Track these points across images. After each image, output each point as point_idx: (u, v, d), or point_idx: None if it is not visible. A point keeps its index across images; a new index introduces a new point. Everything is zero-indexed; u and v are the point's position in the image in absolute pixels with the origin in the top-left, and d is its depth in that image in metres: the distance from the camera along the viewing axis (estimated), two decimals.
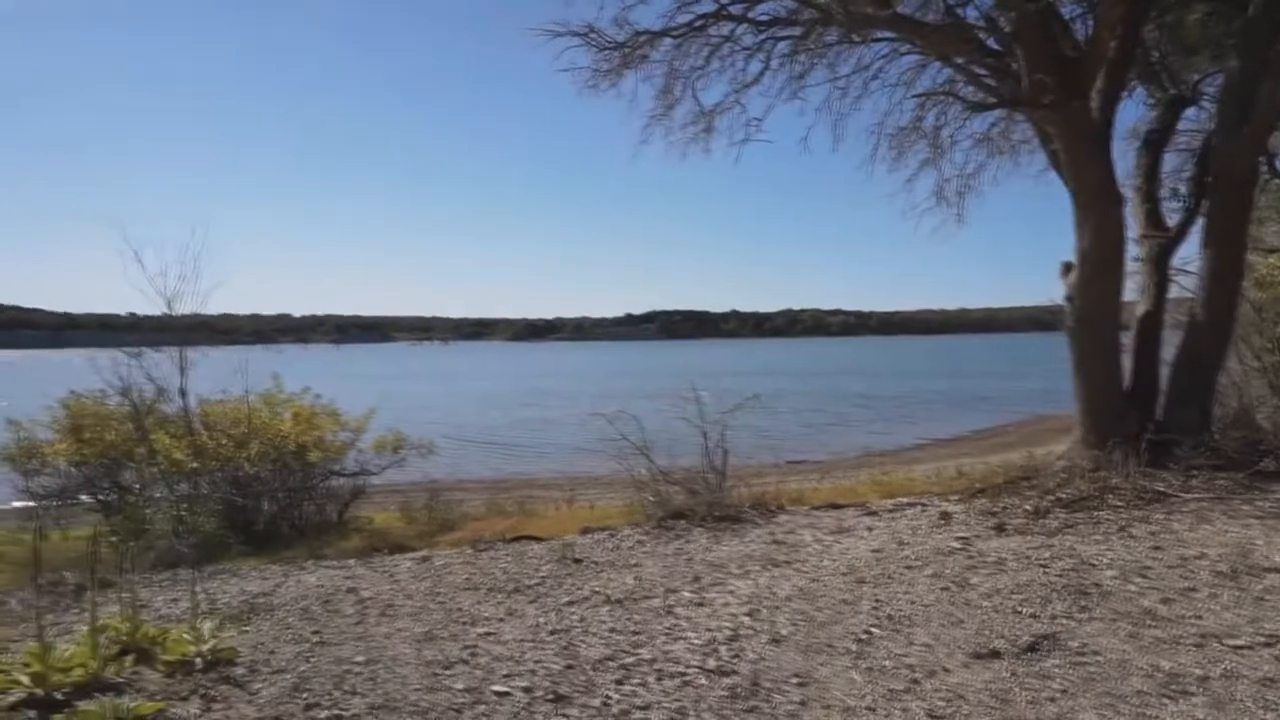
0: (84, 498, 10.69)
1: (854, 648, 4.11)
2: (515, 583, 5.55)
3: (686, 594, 5.16)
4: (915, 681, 3.66)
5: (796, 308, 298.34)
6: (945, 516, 7.01)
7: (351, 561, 6.73)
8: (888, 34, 9.21)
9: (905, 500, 8.23)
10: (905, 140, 10.74)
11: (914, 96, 10.26)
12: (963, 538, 6.21)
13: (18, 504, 11.41)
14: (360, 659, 4.12)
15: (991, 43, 8.69)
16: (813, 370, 77.69)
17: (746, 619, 4.61)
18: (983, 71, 8.86)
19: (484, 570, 5.95)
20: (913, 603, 4.76)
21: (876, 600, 4.85)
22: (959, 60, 9.06)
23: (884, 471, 14.18)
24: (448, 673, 3.91)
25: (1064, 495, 7.10)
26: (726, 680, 3.75)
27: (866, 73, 9.98)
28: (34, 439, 10.68)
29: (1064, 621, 4.28)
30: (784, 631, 4.38)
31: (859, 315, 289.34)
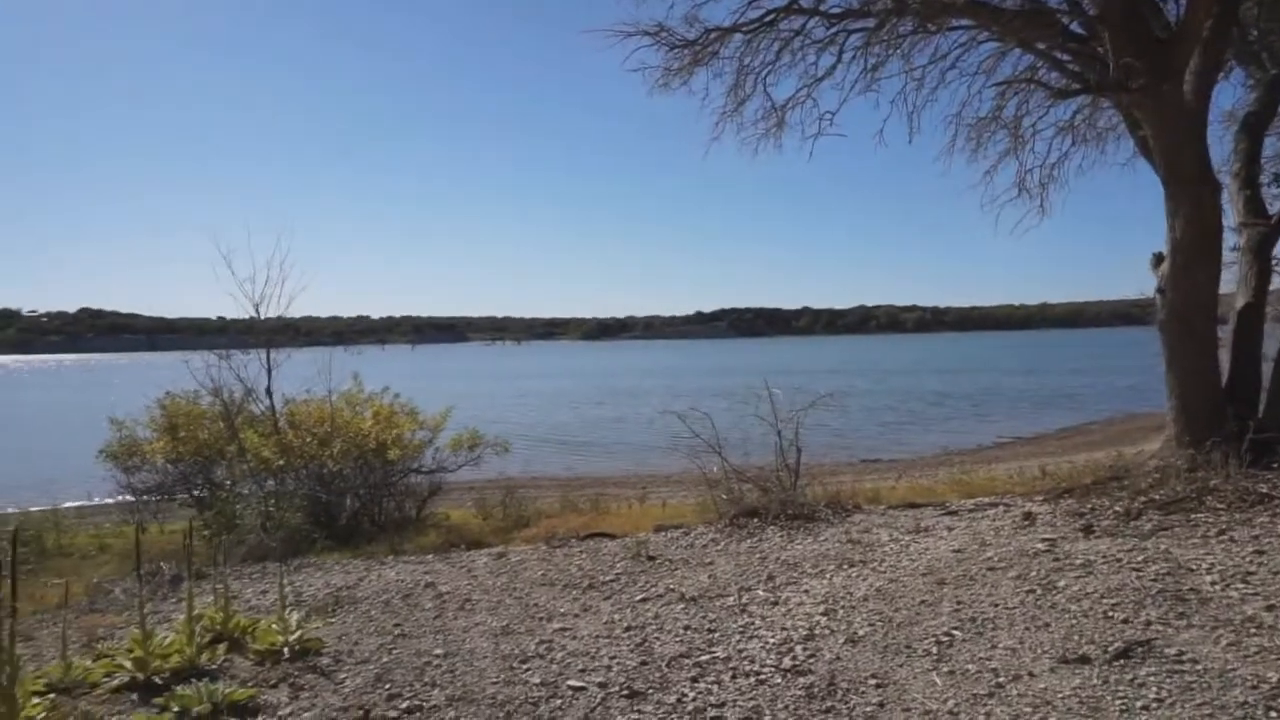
0: (179, 494, 11.17)
1: (934, 650, 4.01)
2: (590, 579, 5.60)
3: (761, 592, 5.12)
4: (999, 686, 3.55)
5: (870, 304, 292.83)
6: (1029, 517, 6.79)
7: (430, 557, 6.89)
8: (965, 22, 8.96)
9: (986, 500, 8.00)
10: (984, 130, 10.45)
11: (993, 85, 9.96)
12: (1048, 539, 6.00)
13: (119, 499, 12.01)
14: (439, 651, 4.21)
15: (1075, 26, 8.38)
16: (887, 368, 76.16)
17: (822, 618, 4.54)
18: (1066, 57, 8.54)
19: (559, 566, 6.02)
20: (996, 605, 4.62)
21: (958, 602, 4.72)
22: (1041, 46, 8.76)
23: (963, 471, 13.79)
24: (524, 667, 3.96)
25: (1158, 496, 6.79)
26: (802, 680, 3.70)
27: (943, 62, 9.73)
28: (134, 437, 11.21)
29: (1159, 628, 4.09)
30: (861, 632, 4.31)
31: (935, 311, 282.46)
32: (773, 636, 4.28)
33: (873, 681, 3.66)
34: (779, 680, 3.71)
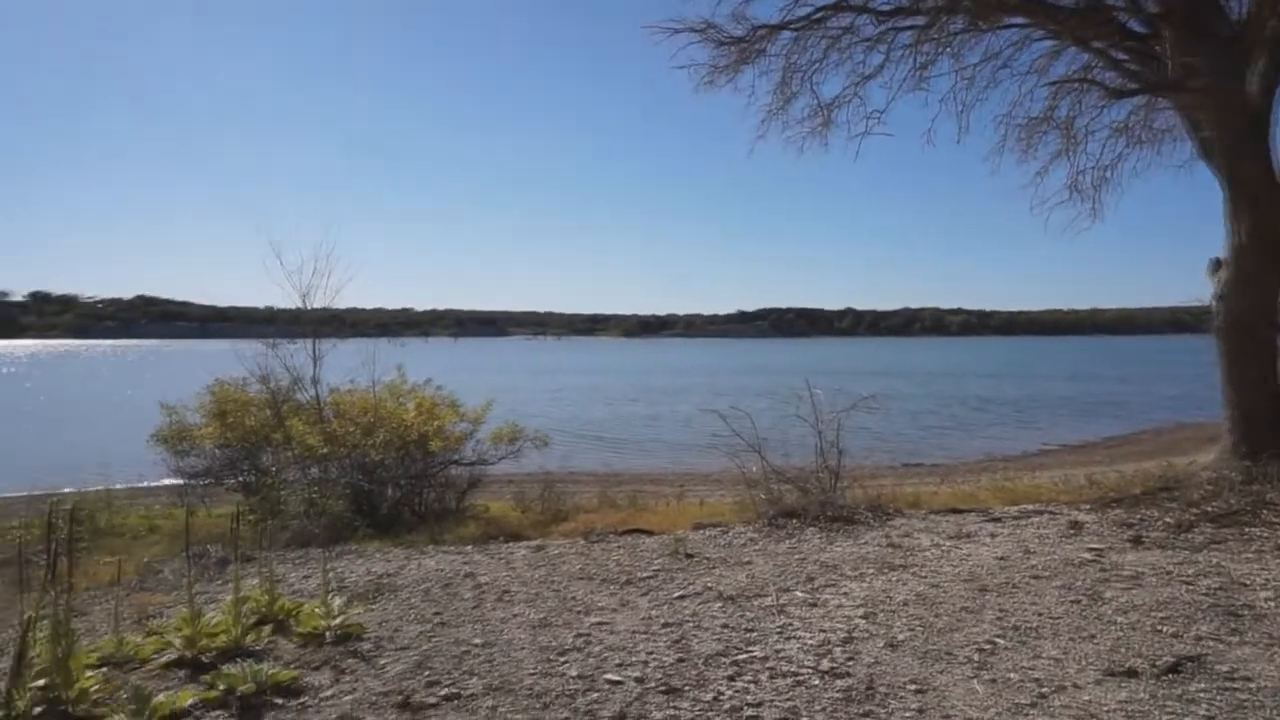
0: (227, 479, 11.41)
1: (976, 657, 3.95)
2: (627, 575, 5.61)
3: (799, 594, 5.08)
4: (1042, 696, 3.48)
5: (915, 306, 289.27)
6: (1075, 526, 6.66)
7: (469, 547, 6.96)
8: (1019, 20, 8.80)
9: (1031, 507, 7.85)
10: (1036, 131, 10.25)
11: (1046, 85, 9.77)
12: (1095, 549, 5.88)
13: (169, 482, 12.32)
14: (478, 641, 4.25)
15: (1134, 25, 8.18)
16: (930, 371, 75.13)
17: (862, 621, 4.50)
18: (1124, 56, 8.34)
19: (597, 561, 6.04)
20: (1040, 614, 4.53)
21: (1000, 610, 4.64)
22: (1097, 44, 8.56)
23: (1006, 477, 13.55)
24: (561, 659, 3.98)
25: (1211, 509, 6.61)
26: (840, 683, 3.67)
27: (995, 61, 9.57)
28: (184, 422, 11.48)
29: (1211, 643, 3.98)
30: (901, 636, 4.26)
31: (980, 315, 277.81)
32: (811, 638, 4.25)
33: (912, 687, 3.62)
34: (817, 682, 3.69)
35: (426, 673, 3.80)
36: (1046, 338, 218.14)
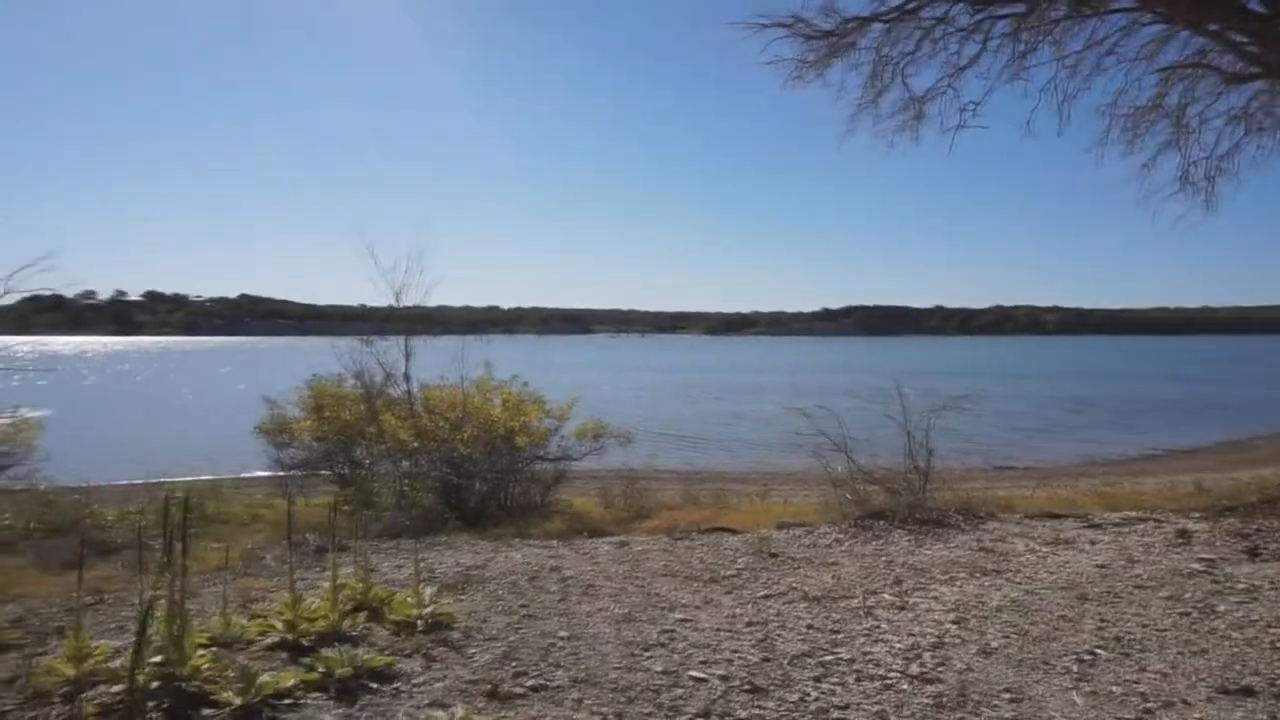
0: (323, 470, 11.84)
1: (1075, 668, 3.80)
2: (711, 573, 5.59)
3: (887, 596, 4.98)
4: (1148, 712, 3.32)
5: (1008, 304, 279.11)
6: (1184, 535, 6.33)
7: (554, 542, 7.05)
8: (1126, 4, 8.40)
9: (1134, 514, 7.50)
10: (1143, 120, 9.78)
11: (1156, 71, 9.29)
12: (1206, 559, 5.58)
13: (265, 473, 12.86)
14: (564, 634, 4.30)
15: (1254, 4, 7.69)
16: (1024, 372, 72.47)
17: (953, 627, 4.38)
18: (1243, 38, 7.86)
19: (681, 558, 6.04)
20: (1145, 626, 4.33)
21: (1101, 619, 4.45)
22: (1213, 27, 8.10)
23: (1106, 482, 12.96)
24: (646, 654, 4.00)
25: None
26: (931, 688, 3.58)
27: (1100, 48, 9.14)
28: (285, 415, 11.96)
29: None
30: (994, 643, 4.13)
31: (1079, 313, 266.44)
32: (900, 641, 4.16)
33: (1006, 695, 3.50)
34: (905, 686, 3.60)
35: (514, 663, 3.87)
36: (1152, 337, 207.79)
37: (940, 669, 3.79)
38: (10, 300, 5.67)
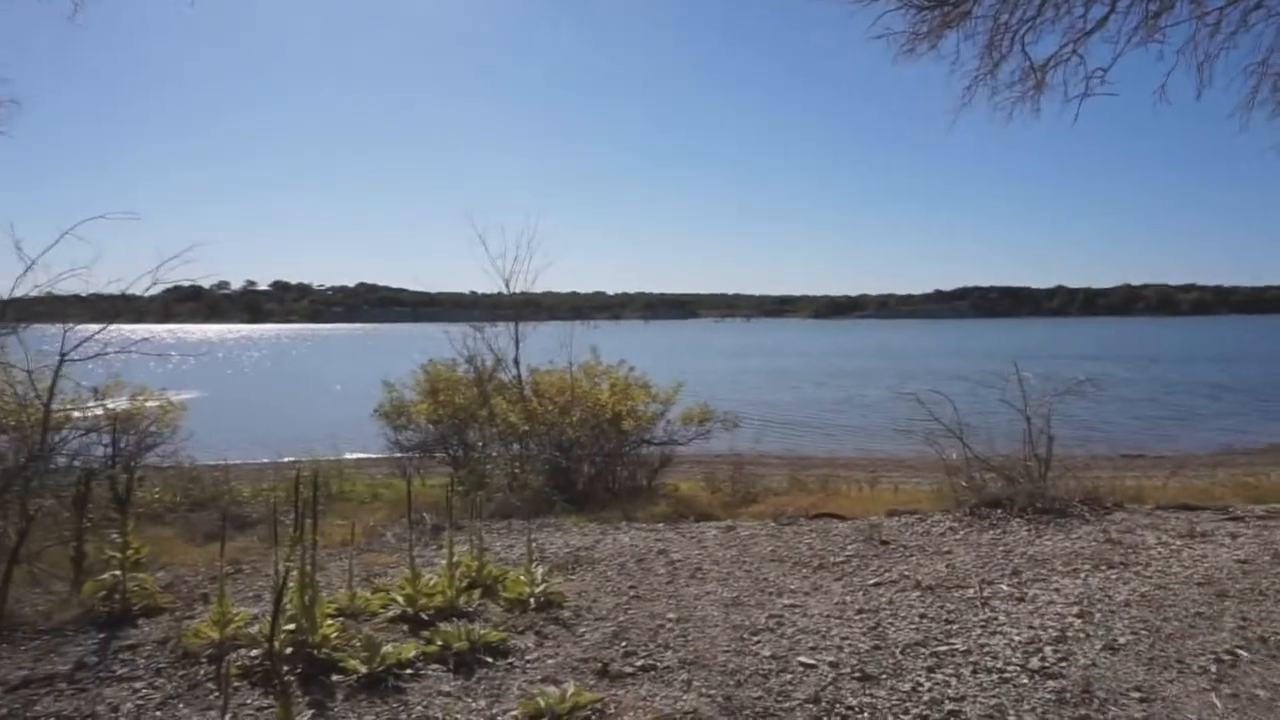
0: (438, 452, 12.29)
1: (1213, 668, 3.58)
2: (820, 559, 5.53)
3: (1005, 587, 4.81)
4: None
5: (1137, 283, 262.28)
6: None
7: (661, 525, 7.11)
8: None
9: None
10: None
11: None
12: None
13: (380, 455, 13.44)
14: (672, 616, 4.34)
15: None
16: (1154, 355, 68.13)
17: (1076, 620, 4.20)
18: None
19: (788, 544, 5.99)
20: None
21: (1243, 618, 4.18)
22: None
23: (1249, 472, 12.09)
24: (754, 638, 4.00)
25: None
26: (1052, 683, 3.44)
27: (1246, 1, 8.43)
28: (402, 399, 12.46)
29: None
30: (1122, 639, 3.93)
31: (1218, 291, 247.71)
32: (1018, 634, 4.02)
33: (1136, 694, 3.34)
34: (1025, 680, 3.48)
35: (623, 643, 3.94)
36: None
37: (1062, 664, 3.65)
38: (156, 291, 6.09)
